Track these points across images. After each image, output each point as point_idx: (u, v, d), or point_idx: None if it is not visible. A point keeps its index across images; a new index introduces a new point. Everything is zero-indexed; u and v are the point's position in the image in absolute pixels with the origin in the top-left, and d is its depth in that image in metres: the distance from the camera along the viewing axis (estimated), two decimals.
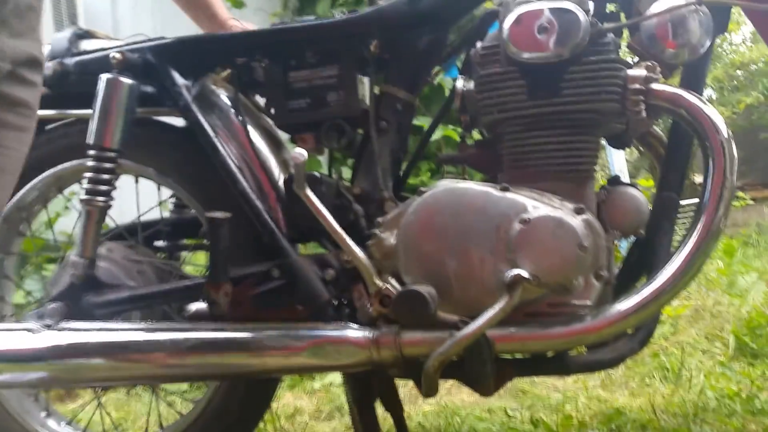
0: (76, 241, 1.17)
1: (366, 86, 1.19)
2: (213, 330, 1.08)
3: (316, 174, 1.11)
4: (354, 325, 1.05)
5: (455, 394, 1.83)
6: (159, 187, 1.29)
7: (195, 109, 1.18)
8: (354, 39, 1.15)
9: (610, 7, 1.12)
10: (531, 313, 1.00)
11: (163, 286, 1.21)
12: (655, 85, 1.00)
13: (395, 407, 1.16)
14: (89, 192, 1.16)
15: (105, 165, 1.16)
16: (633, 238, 1.10)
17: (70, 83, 1.22)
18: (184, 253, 1.44)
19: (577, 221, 0.96)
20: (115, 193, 1.19)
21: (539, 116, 1.01)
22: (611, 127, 1.04)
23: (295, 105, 1.16)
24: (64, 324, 1.11)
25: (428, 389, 1.00)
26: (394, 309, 1.01)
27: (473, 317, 0.96)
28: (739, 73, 10.86)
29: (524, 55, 1.00)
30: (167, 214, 1.40)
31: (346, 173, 3.01)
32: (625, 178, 2.06)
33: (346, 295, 1.11)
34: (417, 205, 1.03)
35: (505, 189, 1.00)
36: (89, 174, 1.16)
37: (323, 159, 3.05)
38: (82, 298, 1.15)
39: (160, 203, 1.34)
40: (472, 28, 1.16)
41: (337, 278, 1.09)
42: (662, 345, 2.16)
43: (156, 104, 1.21)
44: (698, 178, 1.03)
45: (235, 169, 1.15)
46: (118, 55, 1.15)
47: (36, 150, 0.96)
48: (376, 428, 1.15)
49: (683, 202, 1.08)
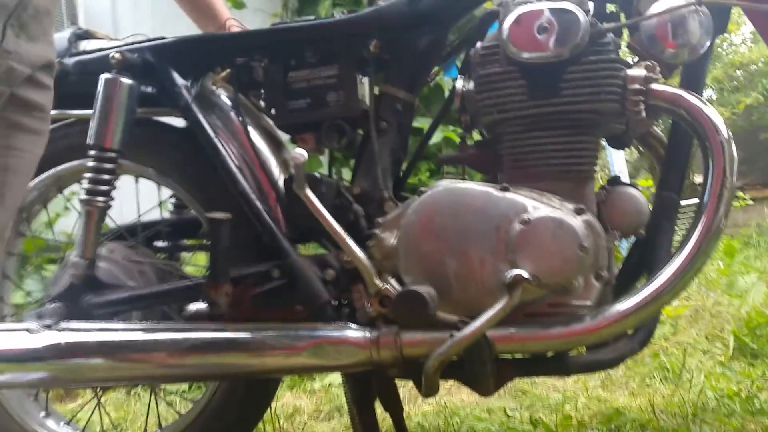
0: (76, 242, 1.16)
1: (366, 86, 1.19)
2: (213, 330, 1.08)
3: (316, 174, 1.11)
4: (354, 326, 1.05)
5: (455, 394, 1.83)
6: (159, 188, 1.30)
7: (195, 109, 1.18)
8: (354, 39, 1.15)
9: (610, 7, 1.12)
10: (531, 313, 1.00)
11: (163, 286, 1.21)
12: (655, 86, 1.00)
13: (395, 407, 1.16)
14: (89, 192, 1.16)
15: (105, 165, 1.16)
16: (633, 238, 1.10)
17: (70, 83, 1.22)
18: (185, 254, 1.44)
19: (577, 222, 0.96)
20: (115, 194, 1.19)
21: (539, 116, 1.01)
22: (611, 128, 1.04)
23: (294, 105, 1.16)
24: (63, 324, 1.11)
25: (428, 389, 1.00)
26: (394, 309, 1.01)
27: (473, 317, 0.96)
28: (739, 74, 10.86)
29: (524, 55, 1.00)
30: (167, 214, 1.41)
31: (347, 173, 3.01)
32: (625, 179, 2.06)
33: (345, 296, 1.11)
34: (417, 205, 1.03)
35: (505, 189, 1.00)
36: (89, 174, 1.16)
37: (324, 159, 3.05)
38: (81, 299, 1.15)
39: (161, 203, 1.34)
40: (471, 28, 1.16)
41: (337, 278, 1.09)
42: (662, 345, 2.16)
43: (156, 104, 1.22)
44: (698, 178, 1.03)
45: (235, 170, 1.15)
46: (117, 55, 1.15)
47: None
48: (376, 428, 1.15)
49: (683, 203, 1.08)
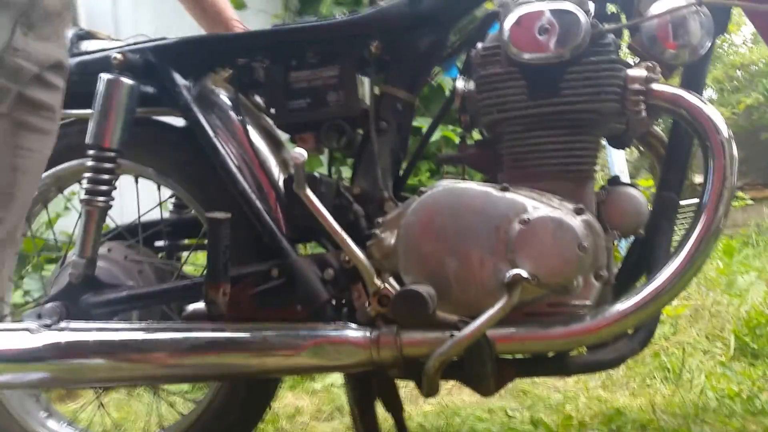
0: (76, 241, 1.17)
1: (366, 86, 1.19)
2: (213, 330, 1.08)
3: (316, 174, 1.11)
4: (354, 326, 1.05)
5: (456, 395, 1.83)
6: (159, 187, 1.30)
7: (195, 109, 1.18)
8: (354, 39, 1.15)
9: (611, 8, 1.12)
10: (531, 313, 1.00)
11: (162, 286, 1.21)
12: (656, 86, 1.00)
13: (395, 408, 1.16)
14: (89, 192, 1.16)
15: (105, 165, 1.16)
16: (633, 238, 1.10)
17: (72, 83, 1.21)
18: (185, 254, 1.44)
19: (576, 221, 0.96)
20: (115, 193, 1.19)
21: (539, 116, 1.01)
22: (611, 127, 1.04)
23: (295, 105, 1.16)
24: (63, 324, 1.11)
25: (429, 389, 1.00)
26: (393, 309, 1.01)
27: (473, 317, 0.96)
28: (739, 74, 10.86)
29: (525, 55, 1.00)
30: (167, 214, 1.41)
31: (347, 173, 3.01)
32: (625, 178, 2.06)
33: (345, 295, 1.11)
34: (417, 205, 1.03)
35: (505, 189, 1.00)
36: (89, 174, 1.16)
37: (323, 159, 3.05)
38: (81, 298, 1.15)
39: (161, 203, 1.34)
40: (472, 28, 1.16)
41: (336, 278, 1.09)
42: (662, 345, 2.16)
43: (156, 104, 1.22)
44: (698, 178, 1.03)
45: (235, 169, 1.15)
46: (118, 56, 1.15)
47: None
48: (377, 429, 1.15)
49: (683, 202, 1.08)
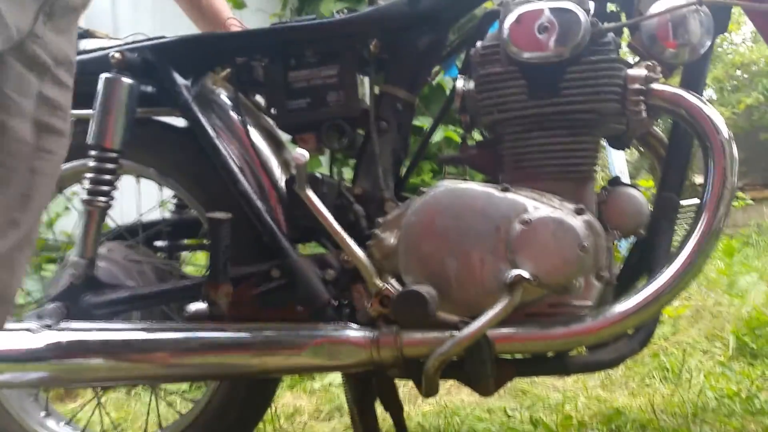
0: (77, 242, 1.16)
1: (366, 86, 1.19)
2: (213, 330, 1.08)
3: (317, 174, 1.11)
4: (354, 326, 1.05)
5: (455, 394, 1.83)
6: (160, 188, 1.30)
7: (195, 108, 1.17)
8: (354, 39, 1.15)
9: (611, 7, 1.12)
10: (531, 313, 1.00)
11: (162, 286, 1.21)
12: (656, 85, 1.00)
13: (395, 407, 1.16)
14: (90, 192, 1.16)
15: (106, 165, 1.16)
16: (633, 238, 1.10)
17: None
18: (185, 254, 1.44)
19: (577, 222, 0.96)
20: (115, 194, 1.19)
21: (540, 116, 1.01)
22: (611, 128, 1.04)
23: (295, 105, 1.16)
24: (63, 324, 1.11)
25: (428, 389, 1.00)
26: (394, 309, 1.01)
27: (474, 317, 0.96)
28: (739, 74, 10.86)
29: (525, 54, 1.00)
30: (168, 214, 1.41)
31: (347, 173, 3.01)
32: (625, 179, 2.06)
33: (345, 296, 1.11)
34: (418, 205, 1.03)
35: (506, 189, 1.00)
36: (90, 174, 1.16)
37: (324, 159, 3.05)
38: (81, 298, 1.15)
39: (161, 203, 1.34)
40: (472, 27, 1.16)
41: (337, 278, 1.09)
42: (662, 345, 2.16)
43: (156, 104, 1.21)
44: (698, 179, 1.03)
45: (236, 170, 1.15)
46: (117, 55, 1.15)
47: None
48: (376, 428, 1.15)
49: (683, 203, 1.08)
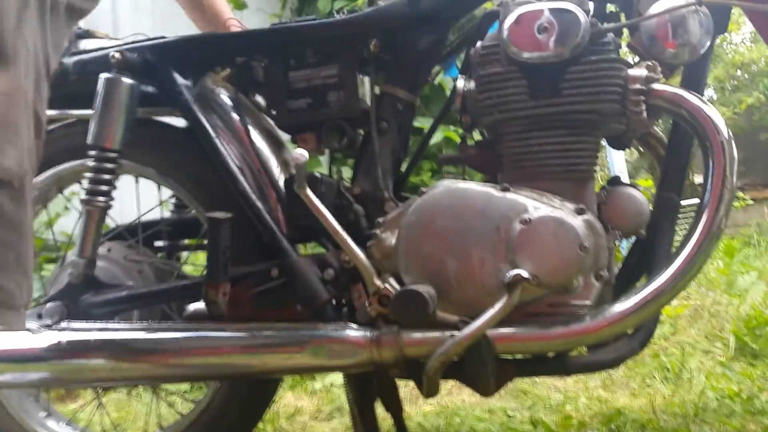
0: (76, 242, 1.16)
1: (366, 86, 1.19)
2: (213, 330, 1.08)
3: (317, 174, 1.11)
4: (354, 326, 1.05)
5: (455, 395, 1.83)
6: (159, 187, 1.30)
7: (195, 109, 1.17)
8: (354, 39, 1.15)
9: (610, 7, 1.12)
10: (531, 313, 1.00)
11: (162, 286, 1.21)
12: (656, 86, 1.00)
13: (395, 407, 1.15)
14: (89, 192, 1.16)
15: (105, 165, 1.16)
16: (633, 238, 1.10)
17: (70, 83, 1.22)
18: (185, 253, 1.44)
19: (577, 221, 0.96)
20: (115, 194, 1.19)
21: (540, 116, 1.01)
22: (612, 128, 1.04)
23: (295, 105, 1.16)
24: (63, 324, 1.11)
25: (429, 390, 1.00)
26: (394, 309, 1.00)
27: (473, 317, 0.96)
28: (740, 73, 10.86)
29: (524, 55, 1.00)
30: (167, 214, 1.41)
31: (347, 173, 3.01)
32: (625, 179, 2.06)
33: (345, 295, 1.11)
34: (417, 205, 1.03)
35: (506, 189, 1.00)
36: (90, 174, 1.16)
37: (324, 159, 3.05)
38: (81, 298, 1.15)
39: (161, 203, 1.34)
40: (472, 27, 1.16)
41: (336, 278, 1.09)
42: (662, 345, 2.16)
43: (156, 104, 1.21)
44: (698, 179, 1.03)
45: (236, 170, 1.15)
46: (117, 55, 1.15)
47: None
48: (377, 429, 1.15)
49: (683, 203, 1.08)
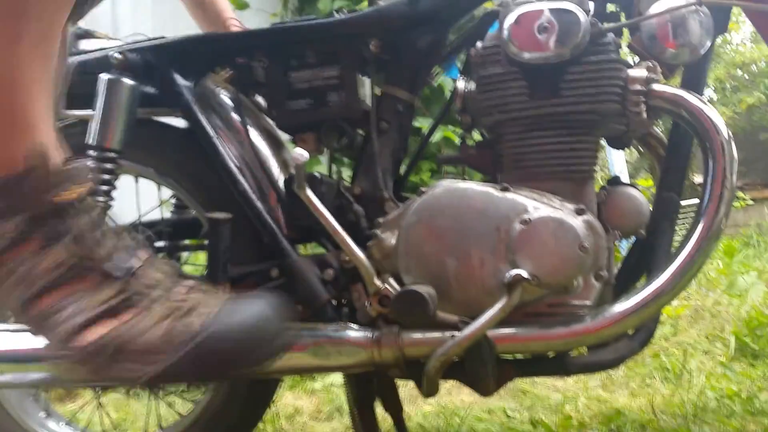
0: None
1: (366, 87, 1.19)
2: None
3: (317, 174, 1.11)
4: (354, 326, 1.05)
5: (455, 395, 1.83)
6: (159, 187, 1.30)
7: (196, 109, 1.17)
8: (354, 39, 1.15)
9: (611, 8, 1.12)
10: (531, 313, 1.00)
11: None
12: (656, 86, 1.00)
13: (395, 407, 1.15)
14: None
15: (105, 165, 1.16)
16: (633, 238, 1.10)
17: (70, 83, 1.22)
18: (185, 254, 1.44)
19: (577, 222, 0.96)
20: (115, 194, 1.19)
21: (540, 117, 1.01)
22: (611, 128, 1.04)
23: (295, 105, 1.16)
24: None
25: (429, 390, 1.00)
26: (394, 309, 1.00)
27: (473, 317, 0.96)
28: (740, 73, 10.87)
29: (525, 55, 1.00)
30: (168, 214, 1.40)
31: (347, 173, 3.01)
32: (625, 179, 2.06)
33: (345, 296, 1.11)
34: (417, 205, 1.03)
35: (506, 189, 1.00)
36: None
37: (324, 159, 3.05)
38: None
39: (161, 203, 1.34)
40: (472, 28, 1.16)
41: (336, 278, 1.09)
42: (662, 345, 2.16)
43: (157, 104, 1.21)
44: (698, 179, 1.03)
45: (236, 170, 1.15)
46: (118, 55, 1.15)
47: None
48: (376, 429, 1.15)
49: (683, 203, 1.08)
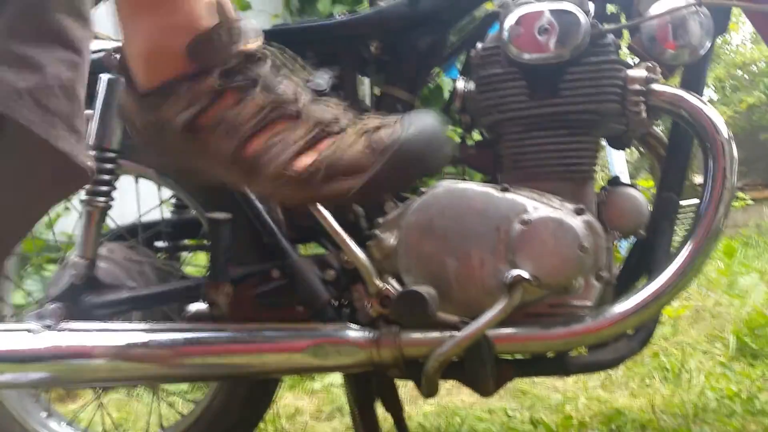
0: (77, 242, 1.16)
1: (366, 87, 1.19)
2: (213, 330, 1.08)
3: None
4: (354, 326, 1.05)
5: (455, 395, 1.83)
6: (159, 188, 1.30)
7: None
8: (354, 40, 1.15)
9: (611, 9, 1.12)
10: (531, 313, 1.00)
11: (163, 286, 1.21)
12: (656, 86, 1.00)
13: (395, 408, 1.16)
14: (90, 193, 1.16)
15: (105, 165, 1.16)
16: (633, 238, 1.10)
17: None
18: (185, 254, 1.44)
19: (577, 222, 0.96)
20: (115, 194, 1.19)
21: (540, 117, 1.01)
22: (611, 128, 1.04)
23: None
24: (64, 324, 1.11)
25: (428, 390, 1.00)
26: (394, 309, 1.01)
27: (474, 318, 0.96)
28: (740, 73, 10.87)
29: (525, 56, 1.00)
30: (168, 214, 1.40)
31: None
32: (625, 179, 2.06)
33: (345, 296, 1.11)
34: (417, 205, 1.03)
35: (506, 189, 1.00)
36: None
37: None
38: (82, 299, 1.15)
39: (161, 203, 1.34)
40: (472, 28, 1.16)
41: (337, 279, 1.09)
42: (662, 345, 2.16)
43: None
44: (698, 179, 1.03)
45: None
46: (118, 56, 1.15)
47: None
48: (377, 428, 1.15)
49: (683, 203, 1.08)
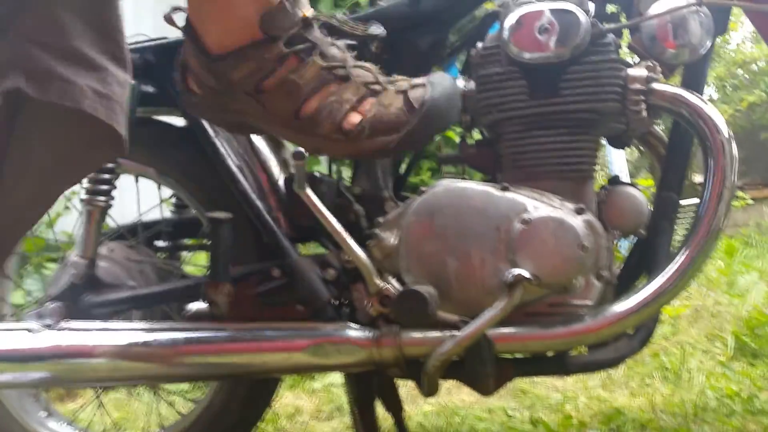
0: (77, 241, 1.17)
1: None
2: (213, 330, 1.08)
3: (317, 174, 1.11)
4: (354, 325, 1.05)
5: (455, 394, 1.83)
6: (159, 187, 1.30)
7: None
8: (355, 39, 1.15)
9: (611, 8, 1.12)
10: (531, 312, 1.00)
11: (163, 286, 1.21)
12: (656, 85, 1.00)
13: (395, 407, 1.16)
14: (90, 192, 1.16)
15: (105, 165, 1.16)
16: (633, 238, 1.10)
17: None
18: (185, 253, 1.44)
19: (577, 221, 0.96)
20: (115, 193, 1.19)
21: (540, 116, 1.01)
22: (611, 127, 1.04)
23: None
24: (64, 324, 1.11)
25: (428, 389, 1.00)
26: (395, 309, 1.01)
27: (474, 317, 0.96)
28: (740, 72, 10.87)
29: (525, 55, 1.00)
30: (168, 214, 1.41)
31: (347, 173, 3.01)
32: (625, 178, 2.06)
33: (346, 295, 1.11)
34: (417, 205, 1.03)
35: (506, 189, 1.00)
36: (90, 174, 1.16)
37: (324, 158, 3.05)
38: (82, 298, 1.15)
39: (161, 202, 1.34)
40: (472, 28, 1.16)
41: (337, 278, 1.09)
42: (662, 345, 2.16)
43: (156, 104, 1.21)
44: (698, 178, 1.03)
45: (236, 169, 1.15)
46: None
47: None
48: (376, 428, 1.15)
49: (683, 202, 1.08)
